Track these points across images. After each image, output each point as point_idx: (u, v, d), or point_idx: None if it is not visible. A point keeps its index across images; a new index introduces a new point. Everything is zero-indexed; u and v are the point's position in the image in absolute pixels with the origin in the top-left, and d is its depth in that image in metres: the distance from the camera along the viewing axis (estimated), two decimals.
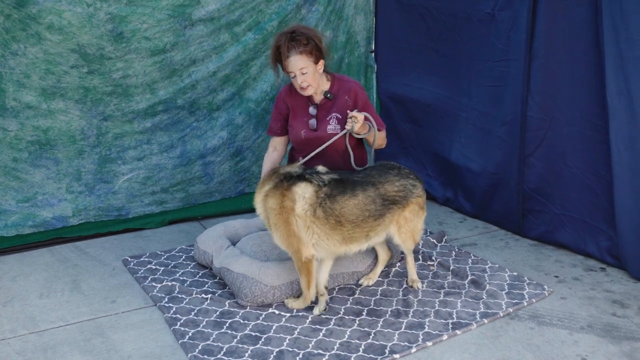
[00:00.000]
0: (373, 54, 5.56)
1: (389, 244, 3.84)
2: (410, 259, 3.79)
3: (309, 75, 3.70)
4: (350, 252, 3.51)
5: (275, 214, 3.39)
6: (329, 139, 3.77)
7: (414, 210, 3.58)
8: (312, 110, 3.90)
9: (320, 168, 3.54)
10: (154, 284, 3.83)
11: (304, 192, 3.35)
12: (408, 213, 3.56)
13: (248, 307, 3.54)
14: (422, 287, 3.75)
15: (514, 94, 4.35)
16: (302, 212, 3.34)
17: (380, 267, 3.88)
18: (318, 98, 3.89)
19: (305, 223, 3.35)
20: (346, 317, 3.45)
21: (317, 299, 3.55)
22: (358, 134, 3.71)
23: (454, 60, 4.87)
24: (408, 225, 3.57)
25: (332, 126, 3.84)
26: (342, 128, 3.80)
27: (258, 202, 3.53)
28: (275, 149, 4.07)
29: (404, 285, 3.81)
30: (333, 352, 3.10)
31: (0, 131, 4.19)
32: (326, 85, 3.88)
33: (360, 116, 3.61)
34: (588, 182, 4.07)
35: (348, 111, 3.67)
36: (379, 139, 3.82)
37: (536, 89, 4.22)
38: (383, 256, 3.85)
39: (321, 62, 3.76)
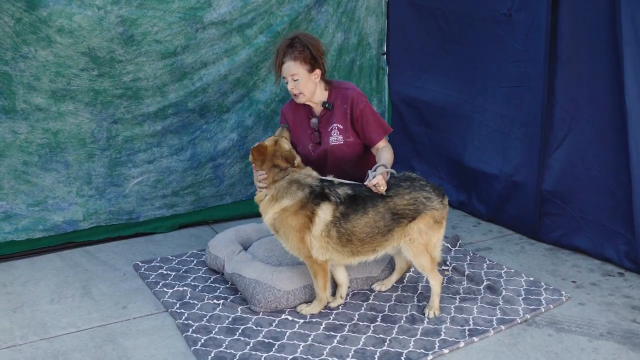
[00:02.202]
0: (385, 56, 5.51)
1: None
2: (434, 284, 3.48)
3: (300, 83, 3.68)
4: (355, 263, 3.47)
5: (294, 231, 3.34)
6: (332, 151, 3.80)
7: (429, 223, 3.35)
8: (313, 122, 3.87)
9: (335, 181, 3.43)
10: (165, 289, 3.79)
11: (325, 216, 3.29)
12: (422, 226, 3.35)
13: (261, 313, 3.49)
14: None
15: (534, 94, 4.28)
16: (318, 234, 3.31)
17: (395, 276, 3.82)
18: (318, 109, 3.86)
19: (320, 244, 3.32)
20: (360, 323, 3.40)
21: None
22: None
23: (468, 62, 4.82)
24: (422, 239, 3.35)
25: (334, 137, 3.81)
26: (344, 138, 3.80)
27: (270, 213, 3.40)
28: None
29: (419, 291, 3.76)
30: (348, 359, 3.05)
31: (11, 134, 4.17)
32: (324, 95, 3.83)
33: (381, 181, 3.35)
34: (607, 185, 4.01)
35: (369, 171, 3.43)
36: (388, 160, 3.66)
37: (560, 89, 4.15)
38: (402, 265, 3.77)
39: (317, 72, 3.72)
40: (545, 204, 4.40)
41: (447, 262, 4.10)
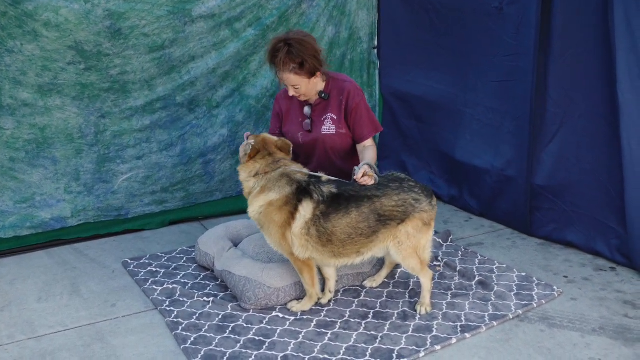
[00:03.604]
0: (376, 50, 5.48)
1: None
2: (424, 280, 3.45)
3: (301, 89, 3.70)
4: (339, 264, 3.41)
5: (276, 227, 3.31)
6: (323, 140, 3.80)
7: (417, 226, 3.30)
8: (306, 110, 3.85)
9: (324, 178, 3.39)
10: (154, 286, 3.75)
11: (305, 213, 3.25)
12: (410, 229, 3.29)
13: (251, 311, 3.46)
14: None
15: (525, 88, 4.26)
16: (297, 232, 3.27)
17: (385, 271, 3.80)
18: (313, 98, 3.83)
19: (300, 242, 3.28)
20: (352, 320, 3.37)
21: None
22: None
23: (460, 56, 4.79)
24: (410, 242, 3.30)
25: (326, 127, 3.79)
26: (337, 129, 3.79)
27: (256, 205, 3.37)
28: None
29: (411, 287, 3.73)
30: (339, 356, 3.02)
31: None
32: (321, 85, 3.81)
33: (367, 169, 3.35)
34: (599, 179, 4.00)
35: (355, 168, 3.42)
36: (371, 160, 3.68)
37: (552, 83, 4.13)
38: (391, 260, 3.71)
39: (317, 74, 3.70)
40: (537, 198, 4.39)
41: (439, 258, 4.08)
